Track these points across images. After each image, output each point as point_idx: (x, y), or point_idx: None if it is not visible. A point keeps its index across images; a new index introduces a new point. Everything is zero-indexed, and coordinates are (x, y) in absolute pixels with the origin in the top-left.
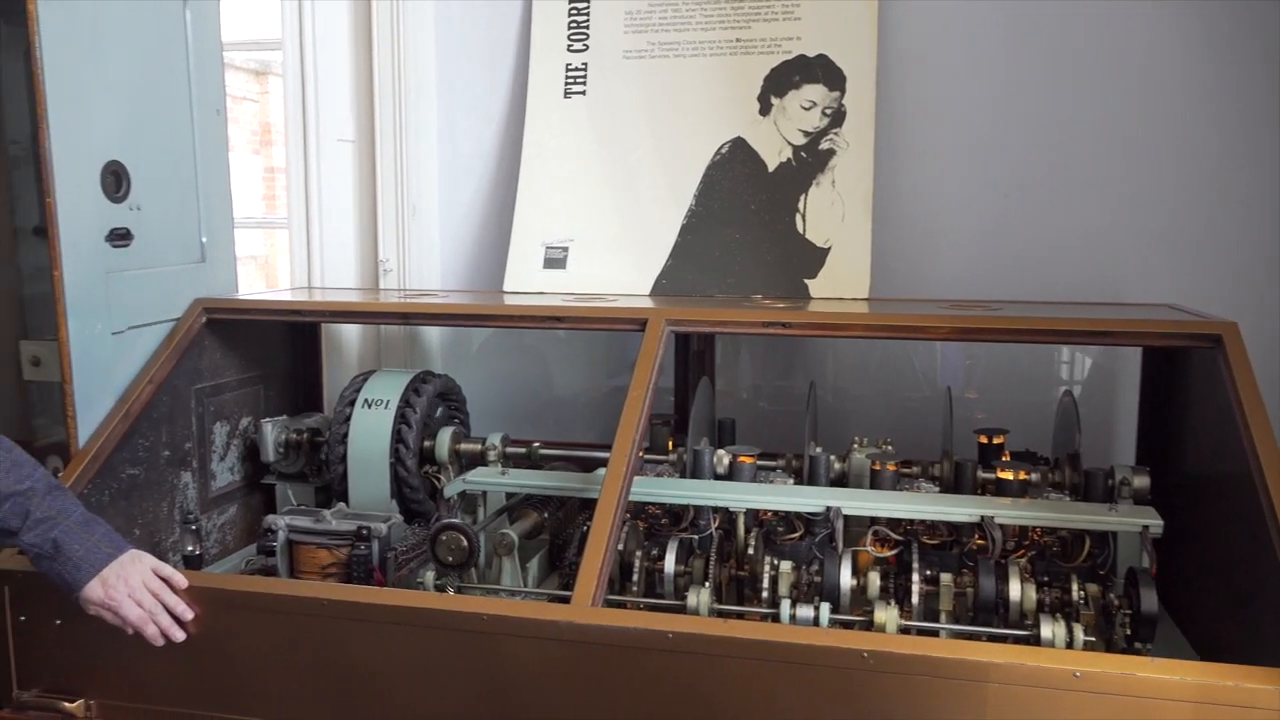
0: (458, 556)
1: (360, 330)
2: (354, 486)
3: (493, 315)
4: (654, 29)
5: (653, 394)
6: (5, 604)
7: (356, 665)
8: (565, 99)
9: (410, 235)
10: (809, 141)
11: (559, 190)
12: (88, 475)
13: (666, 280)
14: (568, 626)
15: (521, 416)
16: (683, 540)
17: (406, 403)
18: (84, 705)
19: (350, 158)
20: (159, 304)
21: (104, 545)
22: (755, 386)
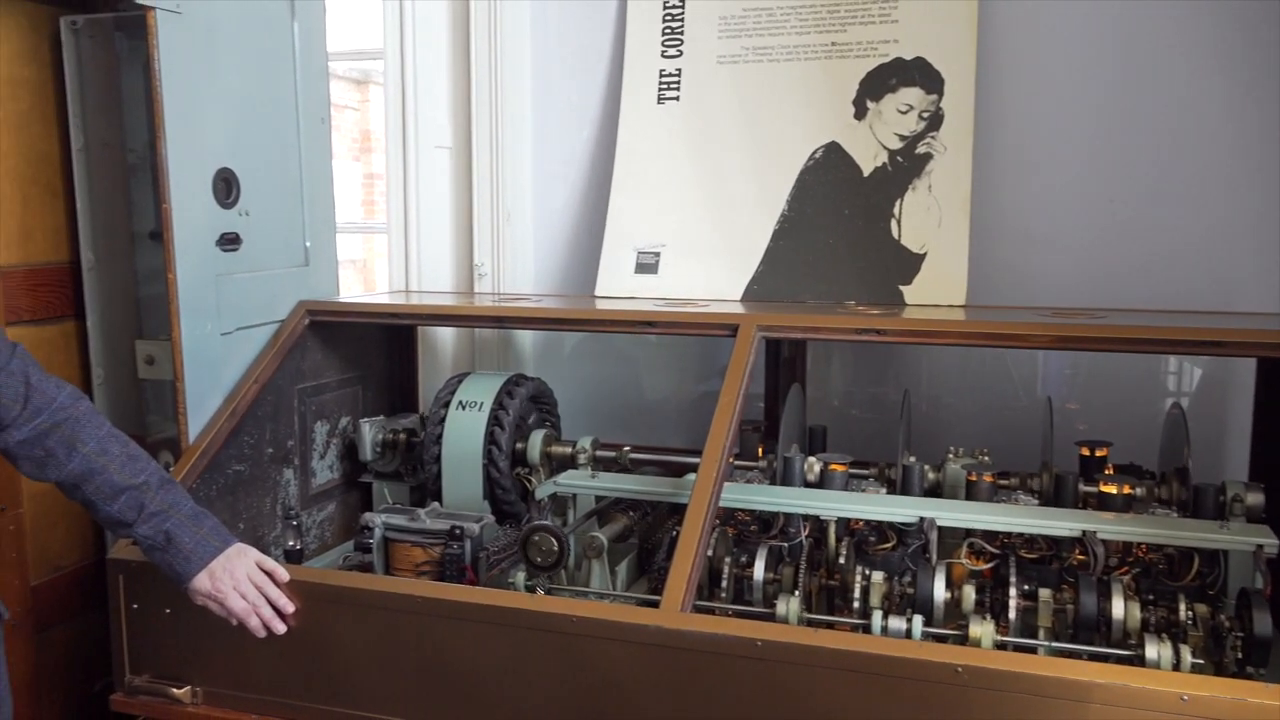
0: (548, 558)
1: (455, 333)
2: (448, 486)
3: (585, 319)
4: (748, 34)
5: (743, 400)
6: (120, 593)
7: (448, 661)
8: (659, 105)
9: (504, 240)
10: (905, 145)
11: (651, 196)
12: (197, 470)
13: (758, 286)
14: (656, 631)
15: (611, 420)
16: (772, 547)
17: (500, 405)
18: (190, 691)
19: (447, 164)
20: (265, 306)
21: (212, 539)
22: (847, 393)
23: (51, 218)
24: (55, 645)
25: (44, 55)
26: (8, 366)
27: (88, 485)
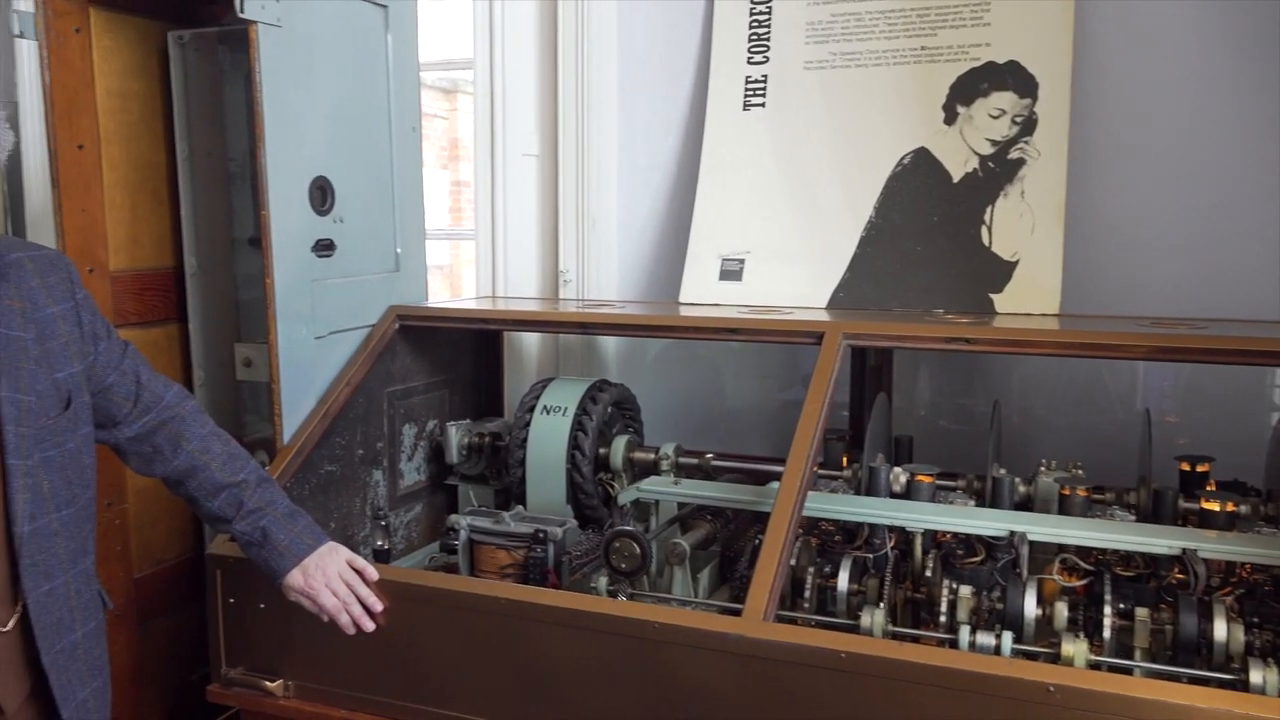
0: (630, 563)
1: (540, 338)
2: (532, 490)
3: (668, 326)
4: (835, 39)
5: (828, 408)
6: (217, 587)
7: (530, 663)
8: (744, 111)
9: (589, 247)
10: (997, 151)
11: (736, 203)
12: (291, 470)
13: (844, 293)
14: (738, 639)
15: (694, 427)
16: (857, 558)
17: (583, 410)
18: (282, 685)
19: (534, 172)
20: (356, 311)
21: (306, 536)
22: (934, 404)
23: (158, 225)
24: (156, 636)
25: (152, 69)
26: (120, 366)
27: (190, 481)
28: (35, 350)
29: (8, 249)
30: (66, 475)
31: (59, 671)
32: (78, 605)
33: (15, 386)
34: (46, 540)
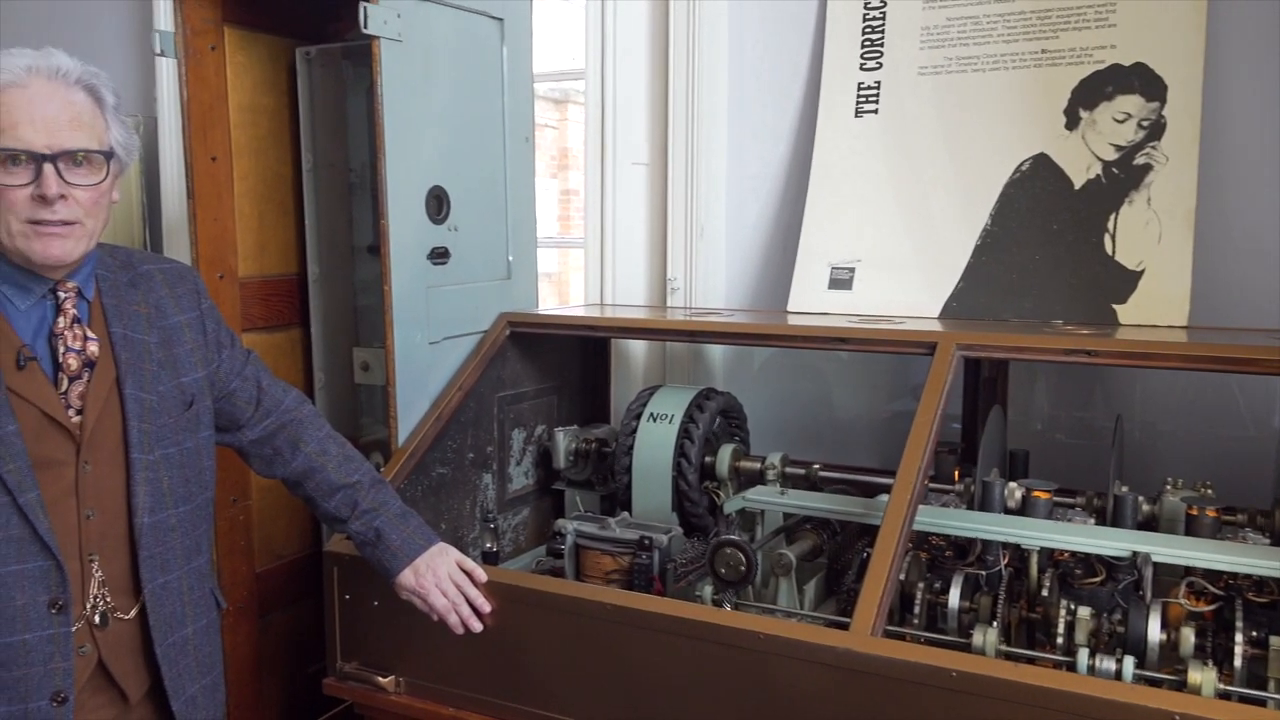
0: (735, 573)
1: (647, 346)
2: (637, 497)
3: (777, 335)
4: (951, 43)
5: (940, 420)
6: (334, 583)
7: (635, 670)
8: (856, 118)
9: (697, 255)
10: (1122, 156)
11: (847, 210)
12: (404, 472)
13: (957, 303)
14: (845, 654)
15: (800, 437)
16: (969, 575)
17: (690, 418)
18: (394, 681)
19: (644, 180)
20: (469, 317)
21: (417, 537)
22: (1051, 417)
23: (283, 233)
24: (275, 629)
25: (281, 84)
26: (243, 372)
27: (308, 482)
28: (159, 354)
29: (141, 261)
30: (185, 473)
31: (170, 664)
32: (190, 601)
33: (139, 385)
34: (164, 534)
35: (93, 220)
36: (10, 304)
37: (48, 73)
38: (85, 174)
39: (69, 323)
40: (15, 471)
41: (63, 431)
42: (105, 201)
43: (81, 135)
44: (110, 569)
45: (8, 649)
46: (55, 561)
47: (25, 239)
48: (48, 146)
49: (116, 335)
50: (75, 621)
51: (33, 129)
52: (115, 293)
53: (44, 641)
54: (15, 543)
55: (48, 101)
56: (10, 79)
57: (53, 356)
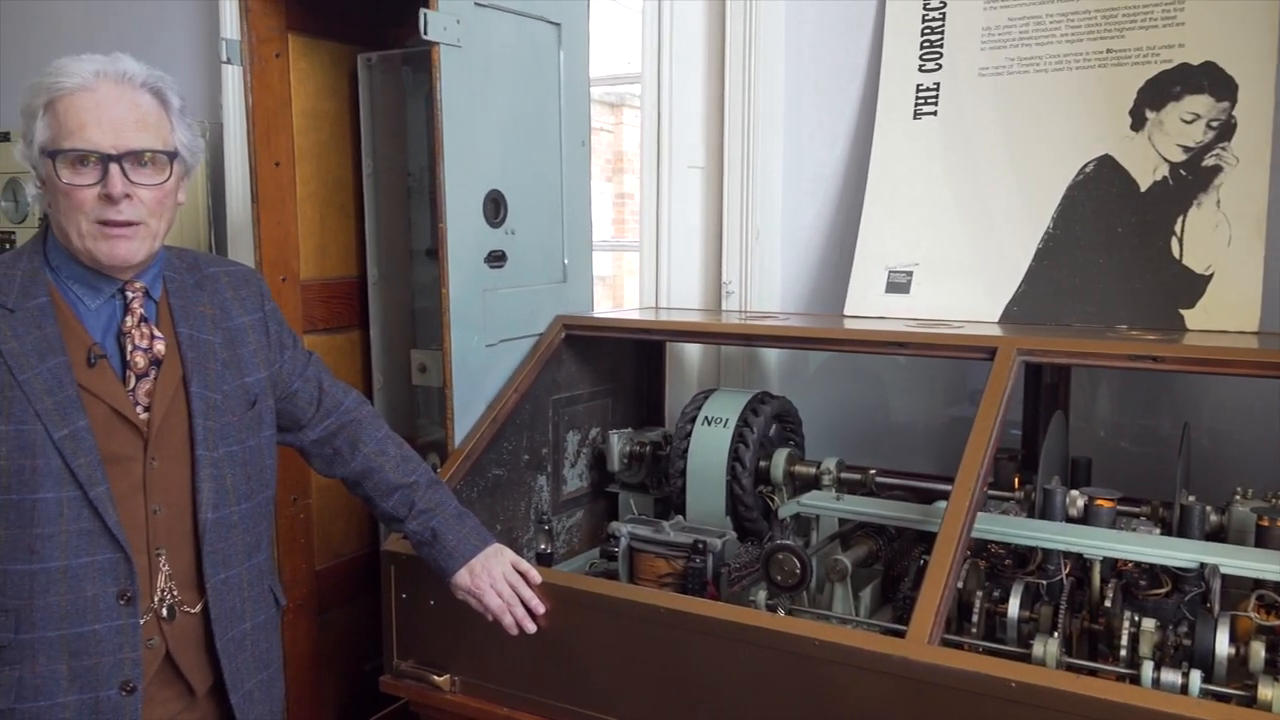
0: (790, 578)
1: (702, 349)
2: (691, 500)
3: (833, 339)
4: (1013, 44)
5: (1000, 426)
6: (391, 582)
7: (688, 673)
8: (915, 120)
9: (753, 258)
10: (1190, 158)
11: (905, 213)
12: (461, 473)
13: (1018, 307)
14: (902, 662)
15: (856, 442)
16: (1029, 584)
17: (745, 422)
18: (449, 680)
19: (699, 183)
20: (525, 320)
21: (473, 537)
22: (1115, 424)
23: (343, 236)
24: (334, 625)
25: (342, 90)
26: (304, 373)
27: (367, 482)
28: (224, 354)
29: (207, 263)
30: (247, 471)
31: (229, 658)
32: (249, 597)
33: (204, 384)
34: (226, 531)
35: (157, 221)
36: (81, 303)
37: (115, 77)
38: (150, 174)
39: (136, 322)
40: (86, 466)
41: (131, 428)
42: (170, 202)
43: (146, 136)
44: (176, 563)
45: (79, 638)
46: (124, 554)
47: (93, 239)
48: (114, 147)
49: (183, 335)
50: (143, 614)
51: (100, 130)
52: (182, 294)
53: (113, 632)
54: (86, 535)
55: (114, 104)
56: (79, 83)
57: (121, 355)
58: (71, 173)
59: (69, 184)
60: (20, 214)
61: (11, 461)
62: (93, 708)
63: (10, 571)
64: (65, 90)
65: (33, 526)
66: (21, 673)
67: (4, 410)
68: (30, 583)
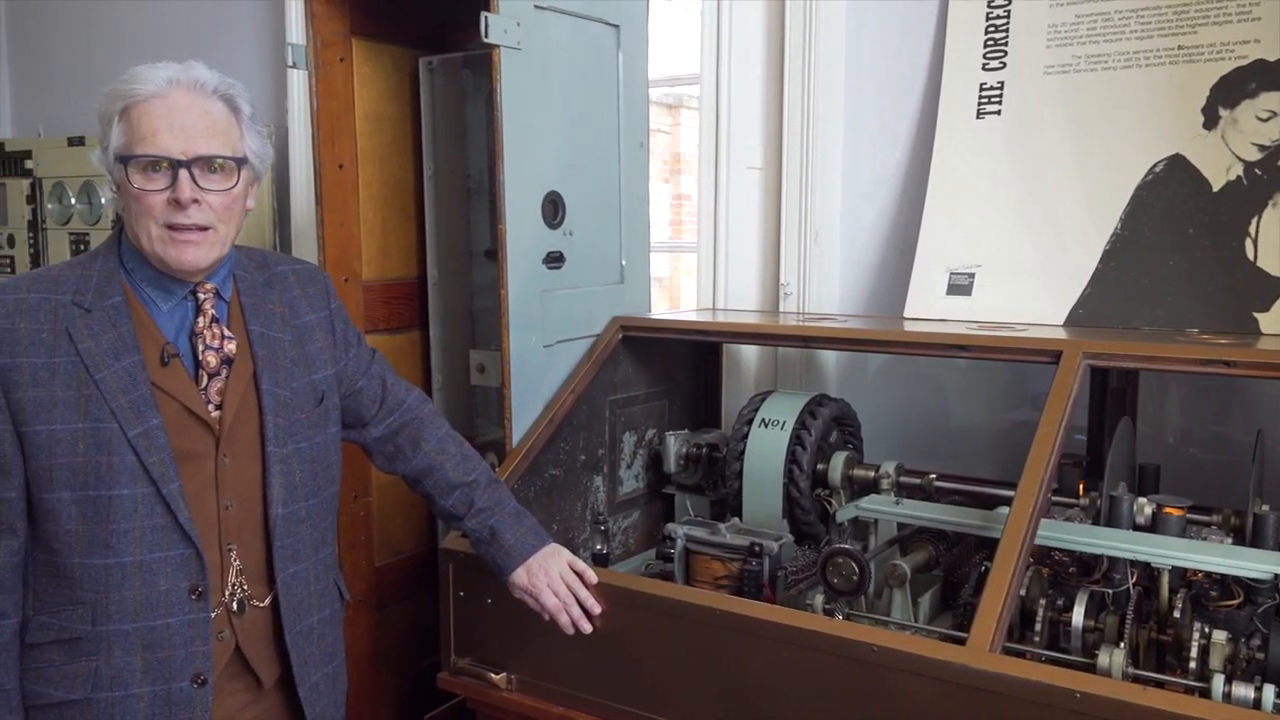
0: (848, 583)
1: (759, 351)
2: (748, 503)
3: (893, 341)
4: (1080, 41)
5: (1064, 431)
6: (449, 580)
7: (744, 677)
8: (978, 119)
9: (811, 260)
10: (1266, 157)
11: (967, 214)
12: (518, 472)
13: (1084, 310)
14: (962, 669)
15: (915, 446)
16: (1094, 593)
17: (802, 425)
18: (506, 678)
19: (757, 185)
20: (582, 321)
21: (530, 537)
22: (1184, 430)
23: (404, 238)
24: (393, 621)
25: (404, 93)
26: (369, 371)
27: (427, 480)
28: (292, 351)
29: (276, 262)
30: (314, 468)
31: (297, 651)
32: (316, 591)
33: (275, 381)
34: (295, 526)
35: (225, 226)
36: (155, 304)
37: (188, 84)
38: (219, 180)
39: (208, 322)
40: (159, 463)
41: (203, 426)
42: (238, 208)
43: (216, 143)
44: (246, 558)
45: (152, 631)
46: (195, 550)
47: (162, 244)
48: (183, 152)
49: (254, 333)
50: (214, 608)
51: (171, 136)
52: (252, 292)
53: (185, 626)
54: (159, 531)
55: (186, 110)
56: (153, 90)
57: (193, 354)
58: (143, 178)
59: (140, 189)
60: (94, 216)
61: (88, 458)
62: (165, 699)
63: (88, 565)
64: (139, 97)
65: (109, 522)
66: (98, 663)
67: (81, 408)
68: (106, 576)
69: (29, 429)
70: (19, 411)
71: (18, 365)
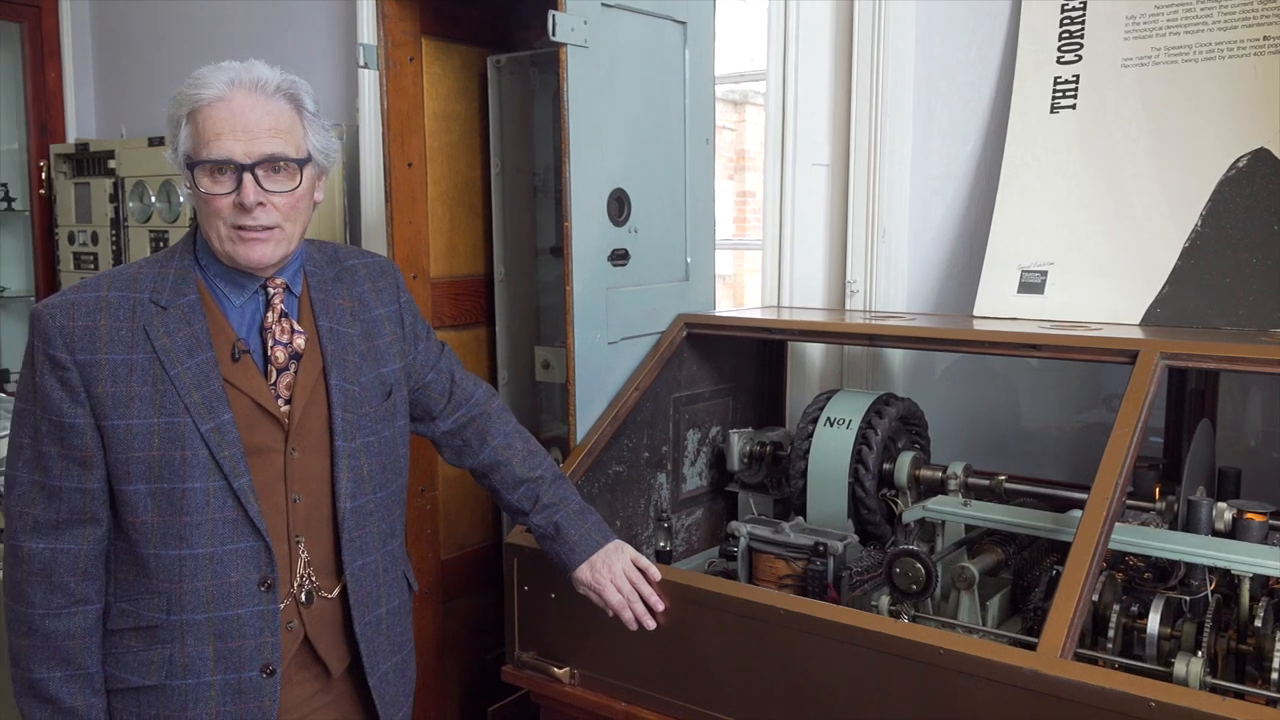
0: (914, 584)
1: (824, 349)
2: (812, 502)
3: (962, 340)
4: (1160, 33)
5: (1140, 433)
6: (514, 574)
7: (807, 677)
8: (1051, 114)
9: (878, 257)
10: None
11: (1040, 211)
12: (582, 468)
13: (1161, 309)
14: (1032, 675)
15: (984, 447)
16: (1170, 599)
17: (868, 424)
18: (569, 672)
19: (824, 182)
20: (647, 318)
21: (594, 533)
22: (1266, 433)
23: (472, 235)
24: (458, 614)
25: (472, 92)
26: (437, 365)
27: (494, 474)
28: (361, 346)
29: (346, 256)
30: (382, 461)
31: (367, 642)
32: (385, 582)
33: (343, 376)
34: (363, 519)
35: (291, 224)
36: (227, 300)
37: (249, 84)
38: (283, 180)
39: (277, 317)
40: (230, 458)
41: (272, 420)
42: (304, 205)
43: (279, 142)
44: (315, 550)
45: (224, 621)
46: (264, 542)
47: (230, 243)
48: (247, 155)
49: (323, 328)
50: (283, 599)
51: (234, 139)
52: (322, 287)
53: (255, 616)
54: (230, 524)
55: (248, 111)
56: (215, 94)
57: (263, 349)
58: (210, 181)
59: (207, 192)
60: (173, 214)
61: (163, 452)
62: (235, 688)
63: (162, 556)
64: (203, 101)
65: (182, 514)
66: (172, 651)
67: (156, 403)
68: (180, 567)
69: (108, 423)
70: (99, 406)
71: (98, 361)
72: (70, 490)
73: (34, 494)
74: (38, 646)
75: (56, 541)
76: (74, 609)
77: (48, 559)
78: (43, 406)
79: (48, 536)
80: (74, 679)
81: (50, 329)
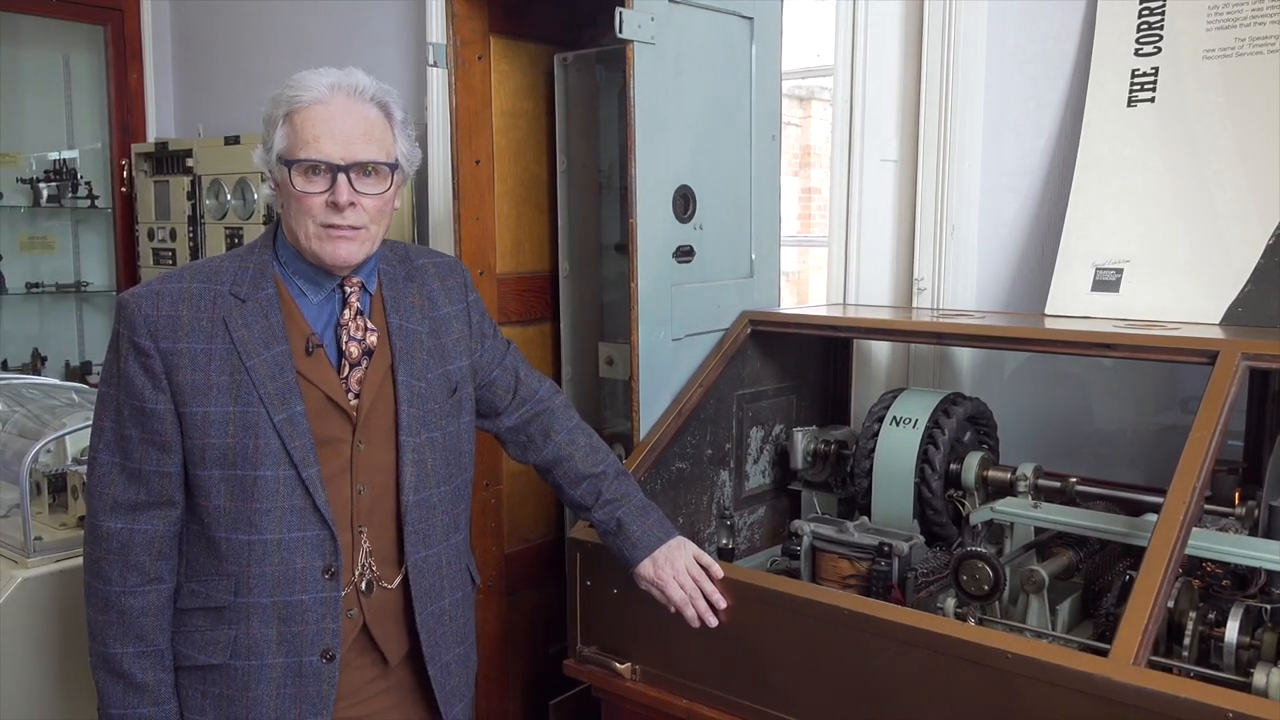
0: (982, 587)
1: (890, 348)
2: (877, 502)
3: (1034, 339)
4: (1244, 23)
5: (1220, 436)
6: (576, 569)
7: (870, 678)
8: (1129, 107)
9: (947, 254)
10: None
11: (1116, 207)
12: (645, 465)
13: (1243, 309)
14: (1103, 682)
15: (1054, 448)
16: (1250, 608)
17: (935, 424)
18: (630, 668)
19: (891, 178)
20: (711, 315)
21: (657, 530)
22: None
23: (538, 232)
24: (521, 608)
25: (539, 89)
26: (503, 362)
27: (557, 470)
28: (429, 343)
29: (416, 255)
30: (446, 456)
31: (428, 632)
32: (448, 575)
33: (411, 372)
34: (427, 512)
35: (376, 226)
36: (304, 297)
37: (348, 90)
38: (373, 184)
39: (353, 314)
40: (301, 448)
41: (341, 413)
42: (389, 209)
43: (372, 148)
44: (377, 541)
45: (288, 607)
46: (329, 531)
47: (319, 241)
48: (342, 158)
49: (394, 326)
50: (345, 587)
51: (331, 141)
52: (394, 286)
53: (318, 603)
54: (297, 512)
55: (345, 116)
56: (315, 96)
57: (337, 344)
58: (304, 180)
59: (301, 191)
60: (248, 211)
61: (237, 440)
62: (296, 671)
63: (233, 540)
64: (303, 103)
65: (253, 500)
66: (237, 632)
67: (233, 392)
68: (249, 552)
69: (187, 410)
70: (179, 393)
71: (179, 350)
72: (149, 473)
73: (114, 475)
74: (113, 622)
75: (134, 522)
76: (148, 587)
77: (125, 538)
78: (125, 391)
79: (126, 517)
80: (145, 655)
81: (135, 317)
